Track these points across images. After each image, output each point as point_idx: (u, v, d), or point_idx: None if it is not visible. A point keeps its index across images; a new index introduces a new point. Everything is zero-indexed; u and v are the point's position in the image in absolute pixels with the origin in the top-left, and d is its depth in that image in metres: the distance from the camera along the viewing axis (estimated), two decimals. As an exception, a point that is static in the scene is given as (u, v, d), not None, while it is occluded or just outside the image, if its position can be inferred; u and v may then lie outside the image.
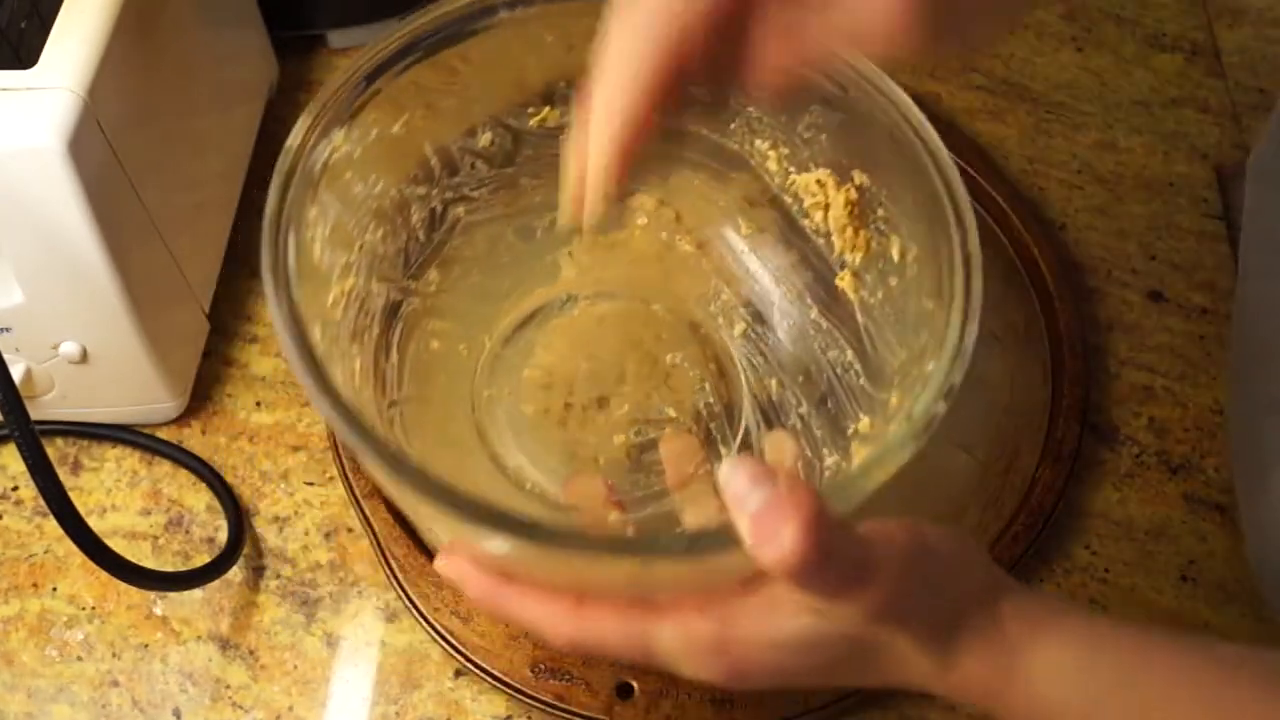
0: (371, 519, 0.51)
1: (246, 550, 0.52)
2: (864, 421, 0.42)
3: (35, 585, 0.51)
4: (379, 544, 0.50)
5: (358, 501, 0.51)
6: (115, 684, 0.49)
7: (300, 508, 0.53)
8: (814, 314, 0.47)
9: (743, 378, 0.49)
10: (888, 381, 0.41)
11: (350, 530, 0.52)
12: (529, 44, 0.43)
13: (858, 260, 0.44)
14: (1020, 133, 0.67)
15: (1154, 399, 0.57)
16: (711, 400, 0.48)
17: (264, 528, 0.53)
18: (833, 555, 0.30)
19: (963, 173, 0.62)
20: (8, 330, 0.48)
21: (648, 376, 0.49)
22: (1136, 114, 0.68)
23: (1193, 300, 0.60)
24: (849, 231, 0.44)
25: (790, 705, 0.47)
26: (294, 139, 0.37)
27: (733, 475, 0.31)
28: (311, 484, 0.54)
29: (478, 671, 0.47)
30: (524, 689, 0.47)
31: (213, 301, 0.57)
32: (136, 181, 0.47)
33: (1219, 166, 0.66)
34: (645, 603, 0.34)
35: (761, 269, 0.48)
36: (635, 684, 0.47)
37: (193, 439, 0.55)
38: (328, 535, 0.52)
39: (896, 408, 0.38)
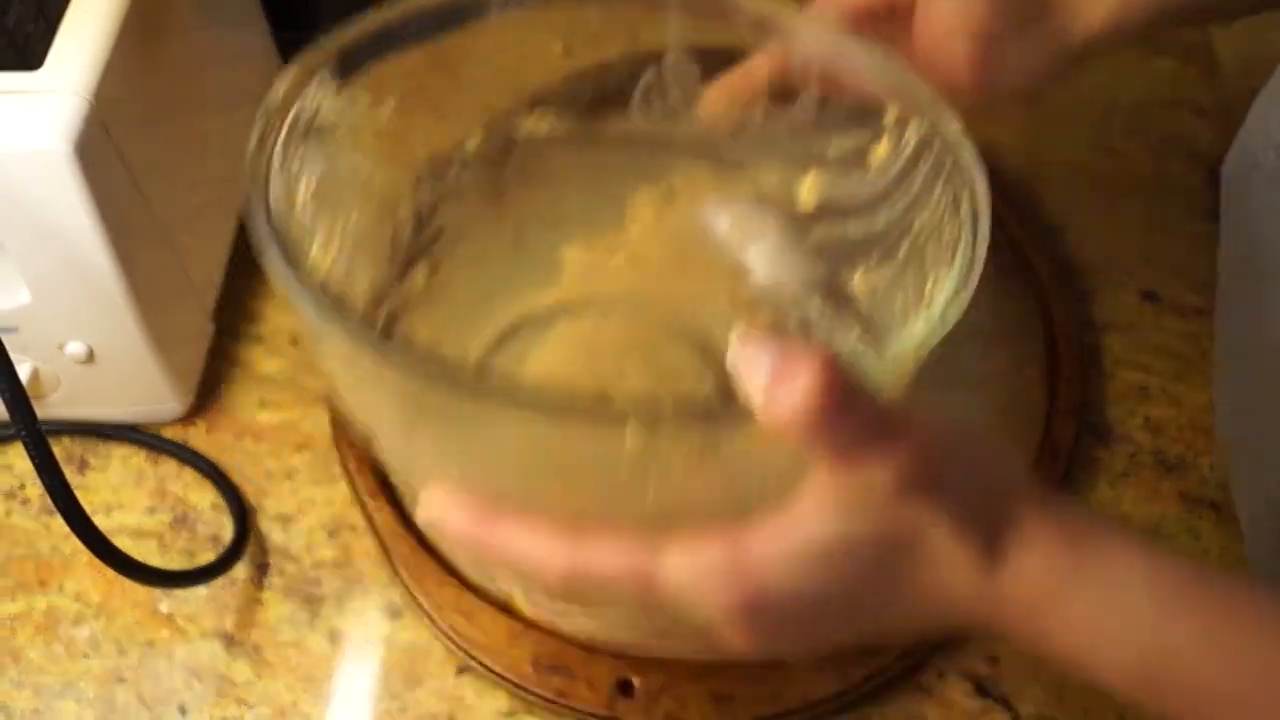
0: (375, 517, 0.51)
1: (251, 548, 0.52)
2: None
3: (42, 583, 0.52)
4: (382, 542, 0.51)
5: (361, 500, 0.52)
6: (122, 680, 0.49)
7: (304, 506, 0.54)
8: (816, 308, 0.46)
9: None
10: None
11: (354, 528, 0.53)
12: (524, 46, 0.42)
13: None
14: (1017, 135, 0.67)
15: (1149, 398, 0.57)
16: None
17: (268, 526, 0.53)
18: (854, 401, 0.27)
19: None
20: (14, 330, 0.48)
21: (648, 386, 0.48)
22: (1132, 116, 0.69)
23: (1187, 300, 0.61)
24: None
25: (790, 699, 0.47)
26: (281, 84, 0.35)
27: (740, 348, 0.28)
28: (316, 483, 0.54)
29: (480, 668, 0.48)
30: (526, 685, 0.47)
31: (218, 302, 0.58)
32: (142, 183, 0.48)
33: (1213, 168, 0.66)
34: (651, 532, 0.31)
35: (762, 267, 0.48)
36: (636, 680, 0.47)
37: (198, 438, 0.55)
38: (332, 533, 0.53)
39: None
